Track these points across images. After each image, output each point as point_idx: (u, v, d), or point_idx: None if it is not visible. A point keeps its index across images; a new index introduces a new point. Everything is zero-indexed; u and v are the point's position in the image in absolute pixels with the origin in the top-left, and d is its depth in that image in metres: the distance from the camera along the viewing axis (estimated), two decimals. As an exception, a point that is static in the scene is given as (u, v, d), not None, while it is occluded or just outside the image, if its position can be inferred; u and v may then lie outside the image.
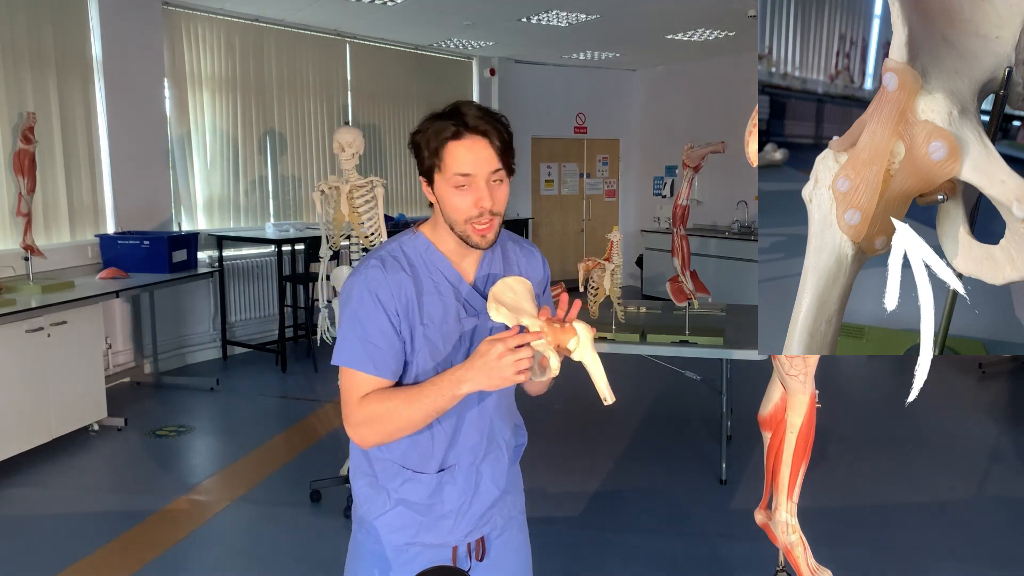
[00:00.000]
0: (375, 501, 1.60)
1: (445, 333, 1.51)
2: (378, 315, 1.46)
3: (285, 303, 6.73)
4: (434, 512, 1.58)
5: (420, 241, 1.53)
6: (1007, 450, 4.51)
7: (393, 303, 1.46)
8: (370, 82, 8.08)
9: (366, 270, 1.48)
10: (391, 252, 1.51)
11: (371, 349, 1.45)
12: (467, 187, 1.41)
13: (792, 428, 1.79)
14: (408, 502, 1.58)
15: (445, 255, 1.52)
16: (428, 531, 1.59)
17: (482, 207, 1.41)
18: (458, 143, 1.40)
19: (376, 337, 1.46)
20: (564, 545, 3.44)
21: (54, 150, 5.45)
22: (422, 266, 1.51)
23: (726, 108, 8.93)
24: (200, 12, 6.51)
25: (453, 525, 1.60)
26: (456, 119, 1.41)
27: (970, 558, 3.30)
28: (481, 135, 1.41)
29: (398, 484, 1.57)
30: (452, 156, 1.40)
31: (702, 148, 4.28)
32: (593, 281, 3.96)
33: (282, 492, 3.98)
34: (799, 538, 1.84)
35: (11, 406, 4.22)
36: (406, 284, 1.47)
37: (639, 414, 5.20)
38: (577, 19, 7.14)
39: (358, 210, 3.80)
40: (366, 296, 1.46)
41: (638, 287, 9.92)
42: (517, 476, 1.74)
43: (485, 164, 1.41)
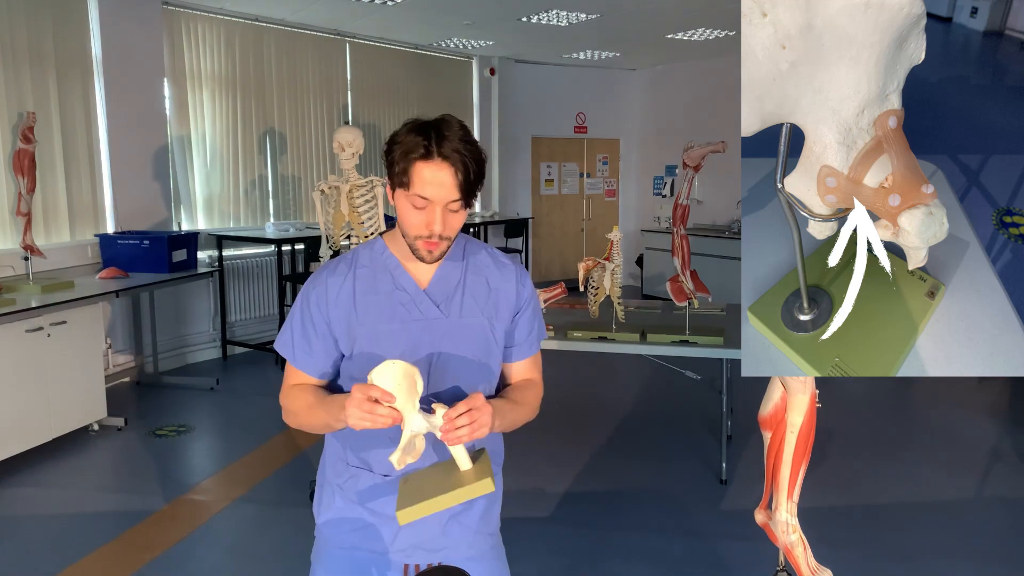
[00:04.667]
0: (322, 498, 1.63)
1: (383, 332, 1.51)
2: (309, 317, 1.54)
3: (285, 303, 6.73)
4: (375, 518, 1.57)
5: (377, 245, 1.58)
6: (1007, 450, 4.51)
7: (326, 305, 1.52)
8: (370, 82, 8.08)
9: (316, 273, 1.57)
10: (347, 256, 1.58)
11: (300, 347, 1.55)
12: (424, 209, 1.44)
13: (792, 428, 1.79)
14: (351, 502, 1.58)
15: (400, 260, 1.55)
16: (370, 538, 1.57)
17: (432, 230, 1.45)
18: (425, 164, 1.41)
19: (307, 336, 1.54)
20: (564, 545, 3.44)
21: (54, 150, 5.45)
22: (371, 268, 1.55)
23: (726, 108, 8.93)
24: (200, 12, 6.51)
25: (395, 538, 1.57)
26: (430, 140, 1.41)
27: (970, 558, 3.30)
28: (449, 164, 1.41)
29: (343, 480, 1.59)
30: (417, 176, 1.42)
31: (702, 148, 4.27)
32: (593, 281, 3.96)
33: (282, 492, 3.98)
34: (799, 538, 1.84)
35: (11, 406, 4.22)
36: (345, 285, 1.53)
37: (639, 414, 5.20)
38: (577, 19, 7.14)
39: (358, 210, 3.80)
40: (304, 297, 1.55)
41: (638, 287, 9.92)
42: (489, 518, 1.66)
43: (445, 195, 1.42)
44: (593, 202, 10.65)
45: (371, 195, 3.82)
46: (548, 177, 10.35)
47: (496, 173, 9.56)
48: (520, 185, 9.99)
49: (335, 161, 7.22)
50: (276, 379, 6.11)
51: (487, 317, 1.56)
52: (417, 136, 1.41)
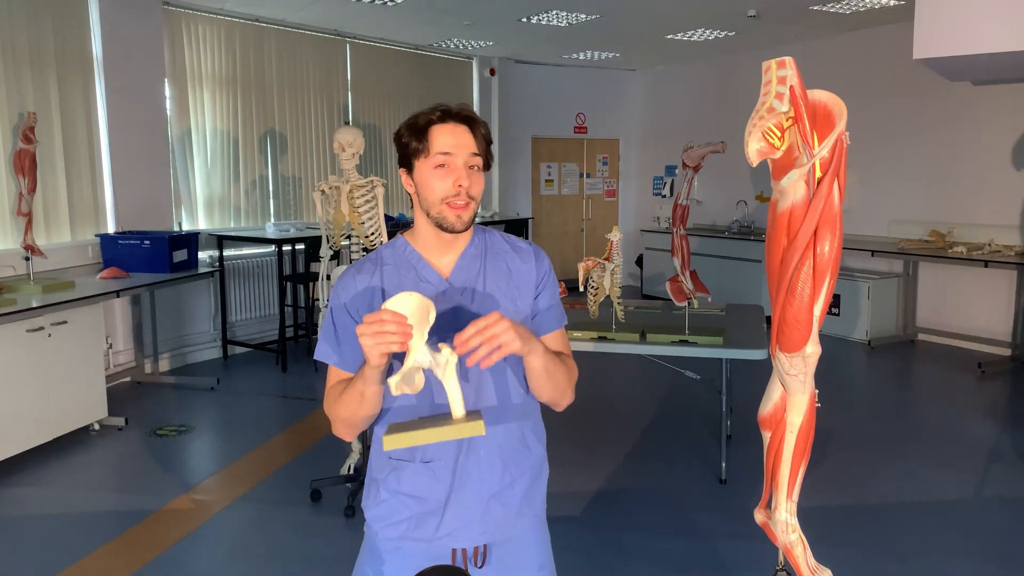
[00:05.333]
0: (369, 494, 1.66)
1: None
2: (344, 317, 1.57)
3: (285, 303, 6.73)
4: (420, 507, 1.58)
5: (399, 242, 1.63)
6: (1007, 450, 4.51)
7: (356, 303, 1.57)
8: (370, 82, 8.08)
9: (343, 275, 1.61)
10: (372, 255, 1.64)
11: (334, 347, 1.58)
12: (447, 167, 1.50)
13: (792, 428, 1.79)
14: (396, 493, 1.59)
15: (422, 254, 1.60)
16: (416, 527, 1.59)
17: (459, 187, 1.49)
18: (442, 126, 1.51)
19: (345, 336, 1.57)
20: (564, 544, 3.43)
21: (54, 150, 5.46)
22: (395, 265, 1.59)
23: (726, 108, 8.94)
24: (200, 12, 6.51)
25: (439, 523, 1.58)
26: (441, 109, 1.52)
27: (970, 557, 3.30)
28: (463, 122, 1.52)
29: (385, 474, 1.61)
30: (436, 137, 1.50)
31: (702, 148, 4.28)
32: (593, 281, 3.96)
33: (282, 492, 3.98)
34: (799, 537, 1.84)
35: (12, 406, 4.22)
36: (373, 282, 1.58)
37: (639, 414, 5.20)
38: (577, 19, 7.15)
39: (358, 210, 3.80)
40: (335, 299, 1.60)
41: (638, 287, 9.92)
42: (532, 498, 1.67)
43: (465, 147, 1.50)
44: (593, 202, 10.65)
45: (371, 195, 3.82)
46: (548, 177, 10.35)
47: (496, 173, 9.56)
48: (520, 185, 9.99)
49: (335, 161, 7.22)
50: (276, 379, 6.12)
51: (511, 299, 1.60)
52: (426, 112, 1.53)
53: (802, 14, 6.91)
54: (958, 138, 7.02)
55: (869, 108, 7.47)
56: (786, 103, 1.55)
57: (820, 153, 1.59)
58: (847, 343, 7.19)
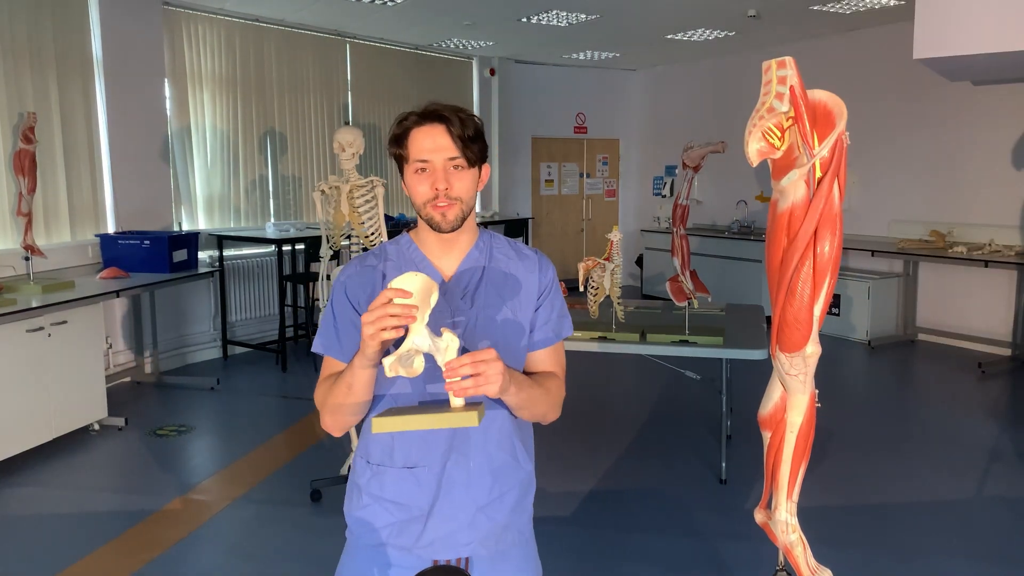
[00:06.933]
0: (351, 499, 1.64)
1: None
2: (344, 306, 1.58)
3: (285, 303, 6.73)
4: (402, 514, 1.56)
5: (403, 240, 1.64)
6: (1007, 450, 4.51)
7: (358, 294, 1.57)
8: (370, 82, 8.08)
9: (347, 266, 1.63)
10: (376, 250, 1.65)
11: (340, 337, 1.57)
12: (426, 172, 1.50)
13: (792, 428, 1.79)
14: (378, 499, 1.58)
15: (425, 254, 1.60)
16: (398, 534, 1.57)
17: (436, 189, 1.49)
18: (418, 130, 1.50)
19: (345, 326, 1.57)
20: (564, 544, 3.44)
21: (54, 150, 5.46)
22: (398, 262, 1.60)
23: (726, 108, 8.94)
24: (200, 12, 6.51)
25: (422, 532, 1.55)
26: (419, 110, 1.52)
27: (970, 557, 3.30)
28: (439, 122, 1.49)
29: (367, 479, 1.60)
30: (413, 143, 1.50)
31: (702, 148, 4.28)
32: (593, 281, 3.96)
33: (282, 492, 3.98)
34: (799, 537, 1.84)
35: (11, 406, 4.22)
36: (376, 275, 1.59)
37: (639, 414, 5.20)
38: (577, 19, 7.15)
39: (358, 210, 3.80)
40: (338, 290, 1.60)
41: (638, 287, 9.92)
42: (519, 513, 1.64)
43: (442, 150, 1.48)
44: (593, 202, 10.65)
45: (371, 195, 3.82)
46: (548, 177, 10.35)
47: (496, 173, 9.56)
48: (520, 185, 9.99)
49: (335, 161, 7.22)
50: (276, 379, 6.12)
51: (510, 307, 1.58)
52: (404, 117, 1.52)
53: (802, 14, 6.91)
54: (958, 138, 7.03)
55: (869, 108, 7.47)
56: (786, 103, 1.55)
57: (820, 153, 1.59)
58: (847, 343, 7.19)
